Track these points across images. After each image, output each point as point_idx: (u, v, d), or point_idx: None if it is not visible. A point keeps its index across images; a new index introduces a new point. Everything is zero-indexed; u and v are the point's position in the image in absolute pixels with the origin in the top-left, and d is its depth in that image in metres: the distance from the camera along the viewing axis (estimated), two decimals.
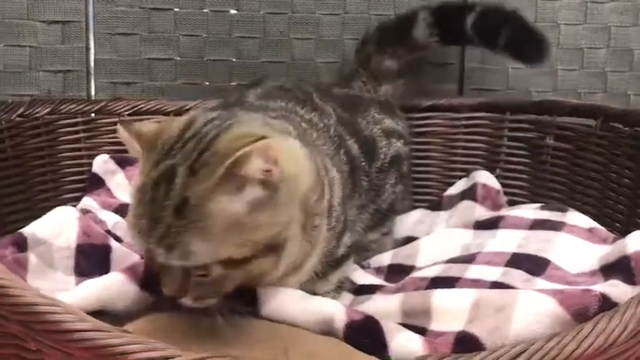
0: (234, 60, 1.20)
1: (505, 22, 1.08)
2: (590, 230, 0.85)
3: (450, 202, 1.07)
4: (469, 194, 1.04)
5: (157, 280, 0.65)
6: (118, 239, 0.85)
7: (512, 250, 0.81)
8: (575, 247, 0.81)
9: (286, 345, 0.61)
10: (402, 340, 0.64)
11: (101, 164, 1.06)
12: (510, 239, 0.84)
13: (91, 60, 1.17)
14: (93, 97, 1.17)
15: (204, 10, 1.18)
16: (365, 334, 0.65)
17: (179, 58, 1.19)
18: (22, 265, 0.75)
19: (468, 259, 0.82)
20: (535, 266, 0.77)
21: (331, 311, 0.66)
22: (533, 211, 0.91)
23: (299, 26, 1.21)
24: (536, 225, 0.87)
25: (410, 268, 0.89)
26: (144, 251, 0.63)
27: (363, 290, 0.84)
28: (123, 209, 0.94)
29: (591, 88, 1.27)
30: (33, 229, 0.79)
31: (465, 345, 0.63)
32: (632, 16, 1.25)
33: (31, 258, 0.76)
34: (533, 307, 0.64)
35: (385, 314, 0.69)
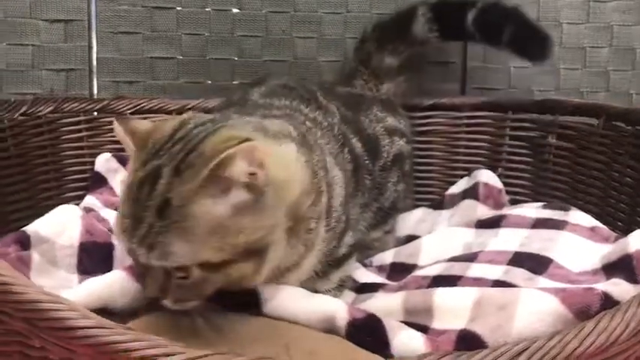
0: (236, 59, 1.20)
1: (507, 19, 1.07)
2: (593, 229, 0.85)
3: (452, 201, 1.07)
4: (471, 193, 1.04)
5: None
6: None
7: (514, 249, 0.81)
8: (578, 245, 0.81)
9: (288, 342, 0.61)
10: (404, 338, 0.64)
11: (103, 163, 1.06)
12: (512, 238, 0.85)
13: (94, 59, 1.17)
14: (95, 95, 1.18)
15: (206, 9, 1.19)
16: (367, 332, 0.65)
17: (181, 56, 1.19)
18: (25, 263, 0.75)
19: (470, 257, 0.82)
20: (537, 265, 0.77)
21: (333, 309, 0.66)
22: (535, 210, 0.91)
23: (301, 25, 1.21)
24: (539, 224, 0.87)
25: (412, 266, 0.90)
26: (127, 251, 0.63)
27: (365, 288, 0.85)
28: None
29: (594, 87, 1.27)
30: (36, 227, 0.80)
31: (467, 343, 0.63)
32: (634, 15, 1.25)
33: (34, 256, 0.76)
34: (535, 305, 0.64)
35: (387, 312, 0.70)
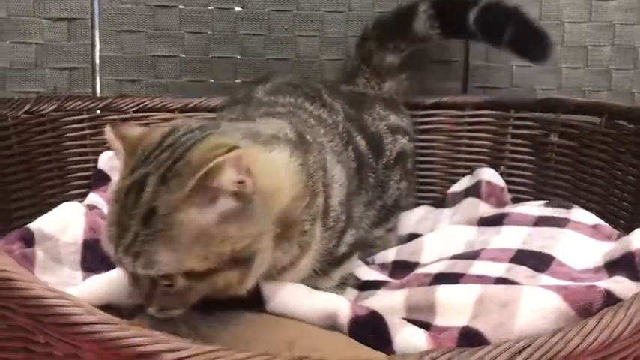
0: (238, 57, 1.20)
1: (508, 19, 1.08)
2: (595, 227, 0.85)
3: (454, 200, 1.07)
4: (473, 191, 1.04)
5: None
6: None
7: (516, 247, 0.82)
8: (580, 243, 0.81)
9: (291, 339, 0.61)
10: (406, 335, 0.64)
11: (107, 161, 1.06)
12: (515, 236, 0.85)
13: (97, 57, 1.18)
14: (98, 94, 1.18)
15: (209, 8, 1.19)
16: (370, 329, 0.65)
17: (184, 55, 1.19)
18: (29, 260, 0.75)
19: (472, 255, 0.83)
20: (539, 262, 0.77)
21: (336, 306, 0.66)
22: (537, 208, 0.91)
23: (303, 24, 1.21)
24: (541, 222, 0.87)
25: (414, 264, 0.90)
26: (114, 259, 0.62)
27: (367, 286, 0.85)
28: None
29: (595, 85, 1.27)
30: (40, 224, 0.80)
31: (470, 340, 0.64)
32: (636, 14, 1.25)
33: (39, 253, 0.77)
34: (537, 302, 0.64)
35: (390, 309, 0.70)
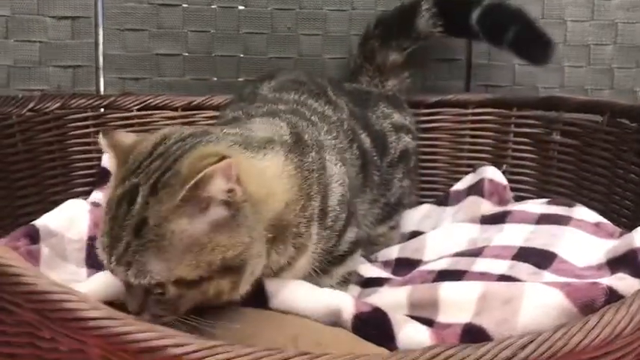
0: (242, 55, 1.21)
1: (511, 20, 1.08)
2: (597, 225, 0.86)
3: (457, 198, 1.07)
4: (476, 189, 1.05)
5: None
6: None
7: (519, 244, 0.82)
8: (582, 241, 0.82)
9: (295, 334, 0.62)
10: (409, 332, 0.64)
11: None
12: (517, 233, 0.85)
13: (100, 55, 1.18)
14: (102, 92, 1.18)
15: (212, 6, 1.19)
16: (373, 325, 0.65)
17: (187, 53, 1.20)
18: (34, 257, 0.76)
19: (475, 252, 0.83)
20: (542, 260, 0.77)
21: (340, 303, 0.67)
22: (540, 206, 0.92)
23: (306, 22, 1.21)
24: (543, 219, 0.87)
25: (417, 261, 0.90)
26: (107, 268, 0.63)
27: (370, 283, 0.85)
28: None
29: (598, 84, 1.27)
30: (45, 221, 0.80)
31: (472, 336, 0.64)
32: (639, 13, 1.25)
33: (44, 250, 0.77)
34: (540, 299, 0.65)
35: (393, 306, 0.70)
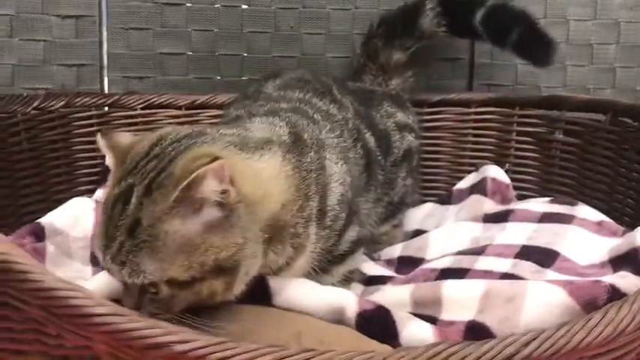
0: (245, 54, 1.21)
1: (515, 21, 1.08)
2: (600, 223, 0.86)
3: (460, 196, 1.08)
4: (478, 188, 1.05)
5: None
6: None
7: (521, 243, 0.82)
8: (585, 239, 0.82)
9: (298, 332, 0.62)
10: (413, 329, 0.65)
11: None
12: (520, 232, 0.85)
13: (104, 54, 1.18)
14: (106, 91, 1.19)
15: (215, 5, 1.19)
16: (376, 323, 0.65)
17: (191, 52, 1.20)
18: (40, 254, 0.76)
19: (477, 251, 0.83)
20: (545, 258, 0.78)
21: (343, 301, 0.67)
22: (542, 205, 0.92)
23: (309, 21, 1.22)
24: (546, 218, 0.88)
25: (420, 260, 0.90)
26: (103, 267, 0.63)
27: (373, 281, 0.85)
28: None
29: (600, 83, 1.27)
30: (50, 219, 0.81)
31: (476, 334, 0.64)
32: None
33: (49, 247, 0.78)
34: (543, 297, 0.65)
35: (396, 304, 0.70)
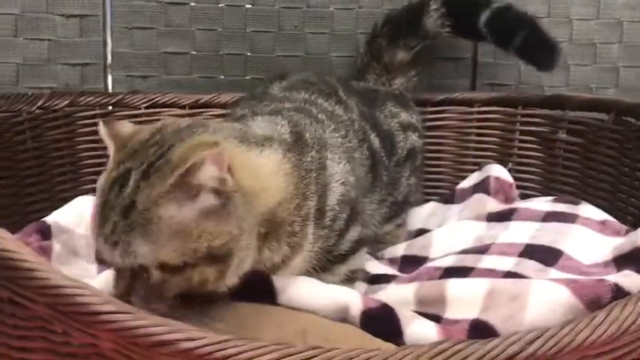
0: (249, 54, 1.21)
1: (519, 25, 1.08)
2: (603, 223, 0.86)
3: (463, 195, 1.08)
4: (482, 187, 1.05)
5: None
6: None
7: (525, 241, 0.82)
8: (588, 238, 0.82)
9: (304, 329, 0.62)
10: (417, 328, 0.65)
11: None
12: (523, 231, 0.85)
13: (109, 53, 1.18)
14: (110, 90, 1.19)
15: (219, 5, 1.20)
16: (381, 321, 0.66)
17: (195, 52, 1.20)
18: (46, 253, 0.77)
19: (481, 249, 0.83)
20: (548, 257, 0.78)
21: (348, 299, 0.67)
22: (546, 204, 0.92)
23: (313, 21, 1.22)
24: (549, 217, 0.88)
25: (423, 259, 0.90)
26: (95, 250, 0.64)
27: (377, 280, 0.85)
28: None
29: (603, 83, 1.27)
30: (56, 217, 0.81)
31: (480, 332, 0.64)
32: None
33: (55, 245, 0.78)
34: (546, 296, 0.65)
35: (400, 303, 0.70)
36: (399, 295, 0.74)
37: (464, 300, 0.69)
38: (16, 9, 1.14)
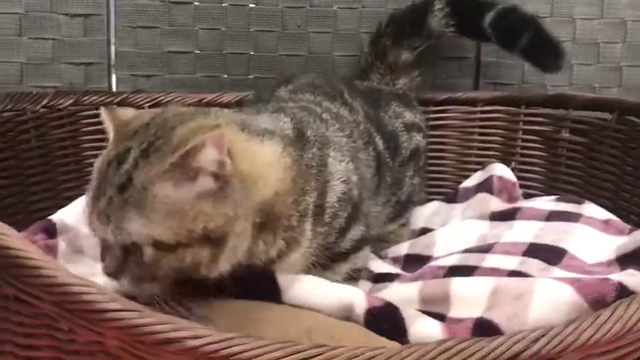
0: (252, 53, 1.21)
1: (524, 26, 1.08)
2: (607, 222, 0.86)
3: (466, 195, 1.08)
4: (485, 187, 1.05)
5: None
6: None
7: (529, 240, 0.82)
8: (592, 237, 0.82)
9: (309, 327, 0.62)
10: (421, 326, 0.65)
11: None
12: (527, 230, 0.86)
13: (112, 53, 1.19)
14: (114, 89, 1.19)
15: (223, 4, 1.20)
16: (385, 320, 0.66)
17: (198, 51, 1.20)
18: (52, 251, 0.77)
19: (485, 249, 0.83)
20: (552, 256, 0.78)
21: (352, 298, 0.67)
22: (549, 203, 0.92)
23: (316, 20, 1.22)
24: (553, 216, 0.88)
25: (427, 258, 0.90)
26: (88, 225, 0.64)
27: (381, 278, 0.85)
28: None
29: (607, 82, 1.27)
30: (61, 215, 0.81)
31: (484, 331, 0.65)
32: None
33: (61, 244, 0.78)
34: (551, 294, 0.65)
35: (404, 301, 0.70)
36: (403, 294, 0.74)
37: (468, 299, 0.69)
38: (21, 8, 1.14)
